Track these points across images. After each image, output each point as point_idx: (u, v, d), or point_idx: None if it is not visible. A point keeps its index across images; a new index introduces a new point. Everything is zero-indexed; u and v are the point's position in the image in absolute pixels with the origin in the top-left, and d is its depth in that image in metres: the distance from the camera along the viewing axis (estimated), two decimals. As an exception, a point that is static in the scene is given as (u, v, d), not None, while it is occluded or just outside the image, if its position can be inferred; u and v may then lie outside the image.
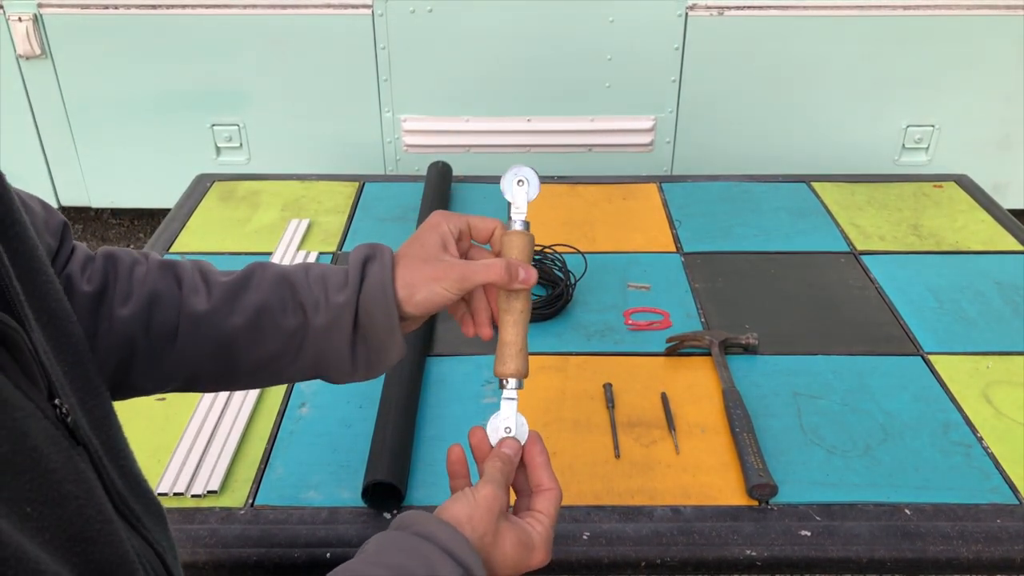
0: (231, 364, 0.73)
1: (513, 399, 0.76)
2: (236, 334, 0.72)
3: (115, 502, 0.57)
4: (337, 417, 1.20)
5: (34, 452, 0.48)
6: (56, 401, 0.54)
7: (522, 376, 0.75)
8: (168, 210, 1.78)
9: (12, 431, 0.47)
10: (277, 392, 1.24)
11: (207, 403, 1.20)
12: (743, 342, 1.31)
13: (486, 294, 0.79)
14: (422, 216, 1.63)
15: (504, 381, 0.76)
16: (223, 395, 1.21)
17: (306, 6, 2.49)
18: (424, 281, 0.73)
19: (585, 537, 1.01)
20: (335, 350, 0.73)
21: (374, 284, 0.73)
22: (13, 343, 0.51)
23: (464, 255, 0.78)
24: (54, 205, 2.86)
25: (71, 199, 2.86)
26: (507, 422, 0.76)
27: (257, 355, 0.73)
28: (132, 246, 3.32)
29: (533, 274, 0.74)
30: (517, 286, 0.74)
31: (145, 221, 3.43)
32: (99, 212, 3.47)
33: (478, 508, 0.69)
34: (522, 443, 0.76)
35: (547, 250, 1.51)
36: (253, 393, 1.22)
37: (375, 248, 0.75)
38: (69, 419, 0.55)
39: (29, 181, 2.81)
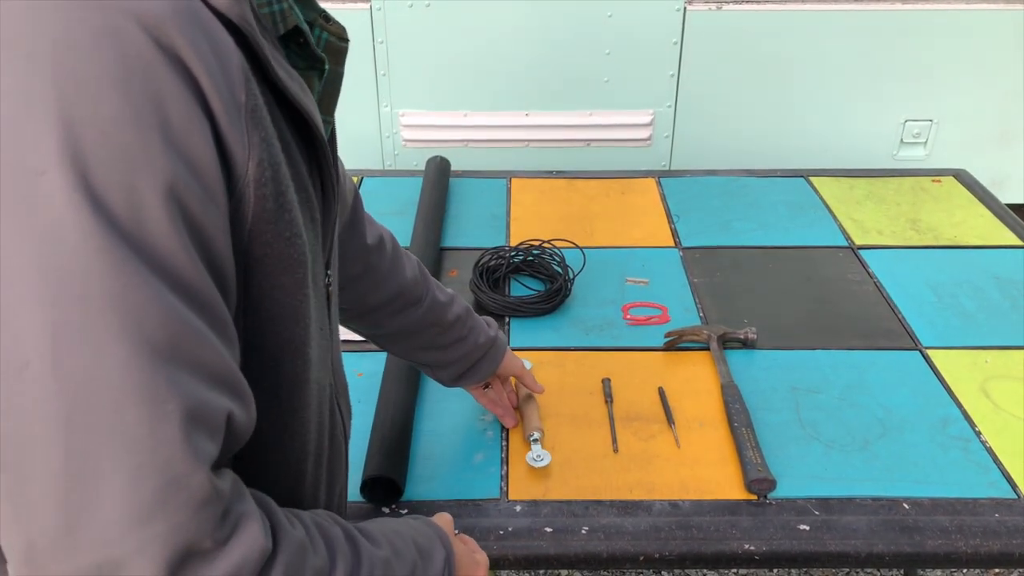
0: (412, 337, 1.05)
1: (537, 440, 1.12)
2: (446, 324, 1.05)
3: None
4: (335, 412, 1.19)
5: (315, 284, 0.62)
6: (328, 271, 0.67)
7: (541, 430, 1.14)
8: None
9: (311, 261, 0.60)
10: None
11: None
12: (742, 337, 1.31)
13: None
14: (421, 210, 1.63)
15: (531, 434, 1.12)
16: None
17: (303, 0, 2.48)
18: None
19: (584, 531, 1.01)
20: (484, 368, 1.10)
21: (501, 346, 1.12)
22: (327, 204, 0.64)
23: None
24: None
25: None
26: (537, 453, 1.11)
27: (431, 340, 1.05)
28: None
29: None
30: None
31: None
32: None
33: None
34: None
35: (546, 245, 1.50)
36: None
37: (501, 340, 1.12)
38: (330, 287, 0.68)
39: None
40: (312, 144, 0.60)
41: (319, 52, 0.61)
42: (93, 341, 0.43)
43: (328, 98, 0.66)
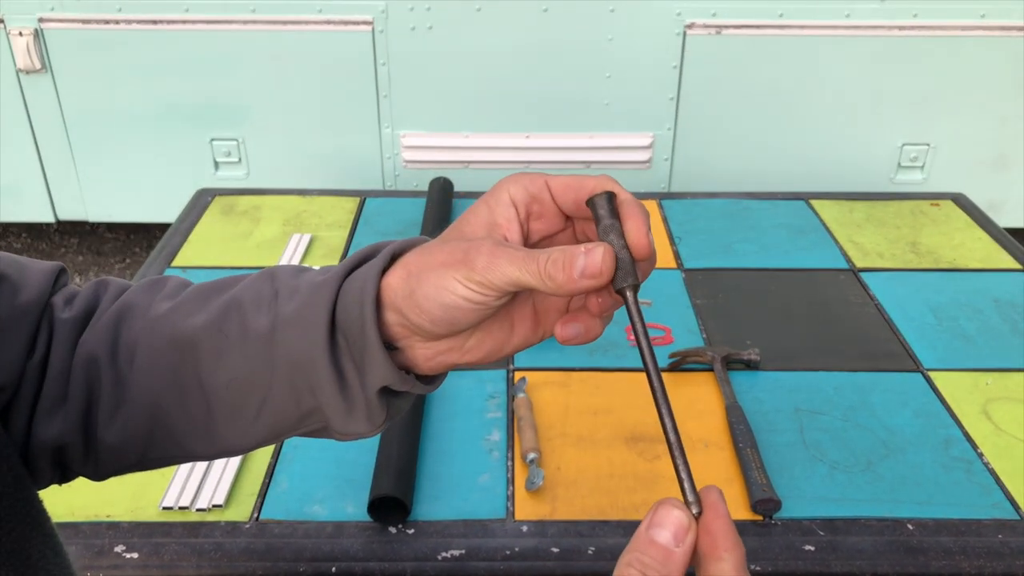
0: (197, 392, 0.55)
1: (534, 461, 1.06)
2: (197, 337, 0.54)
3: None
4: (341, 431, 1.20)
5: None
6: None
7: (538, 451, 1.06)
8: (165, 224, 1.79)
9: None
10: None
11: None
12: (745, 358, 1.32)
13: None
14: (425, 230, 1.64)
15: (526, 455, 1.06)
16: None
17: (307, 22, 2.50)
18: (433, 268, 0.49)
19: (590, 552, 1.02)
20: (308, 354, 0.52)
21: (362, 271, 0.52)
22: None
23: (545, 240, 0.53)
24: (51, 219, 2.85)
25: (68, 213, 2.86)
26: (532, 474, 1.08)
27: (225, 374, 0.54)
28: (127, 260, 3.32)
29: (595, 261, 0.46)
30: (570, 288, 0.46)
31: (141, 235, 3.43)
32: (95, 226, 3.47)
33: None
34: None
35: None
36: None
37: (404, 239, 0.55)
38: None
39: (27, 195, 2.81)
40: None
41: None
42: None
43: None
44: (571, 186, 0.50)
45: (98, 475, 0.59)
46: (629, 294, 0.48)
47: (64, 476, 0.59)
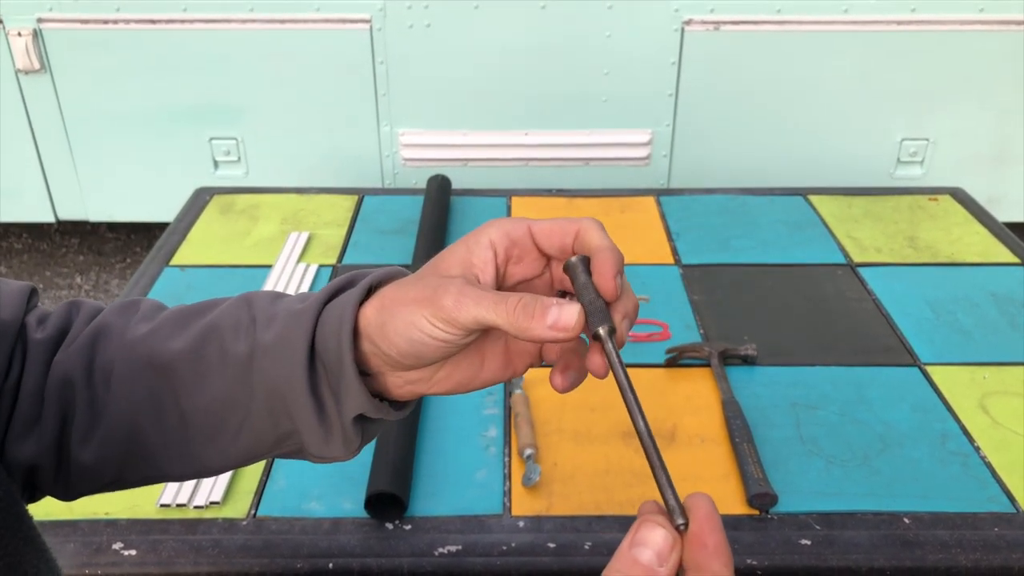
0: (175, 414, 0.56)
1: (531, 457, 1.09)
2: (176, 362, 0.56)
3: None
4: (338, 428, 1.20)
5: None
6: None
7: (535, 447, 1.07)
8: (166, 224, 1.79)
9: None
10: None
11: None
12: (742, 353, 1.32)
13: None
14: (422, 229, 1.64)
15: (523, 451, 1.05)
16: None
17: (305, 20, 2.51)
18: (404, 304, 0.51)
19: (587, 547, 1.02)
20: (288, 381, 0.54)
21: (340, 301, 0.54)
22: None
23: (522, 284, 0.55)
24: (51, 219, 2.86)
25: (69, 213, 2.87)
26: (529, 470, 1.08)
27: (204, 397, 0.56)
28: (128, 259, 3.33)
29: (570, 317, 0.49)
30: (537, 334, 0.49)
31: (142, 235, 3.44)
32: (96, 226, 3.48)
33: None
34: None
35: (546, 262, 1.51)
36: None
37: (381, 269, 0.58)
38: None
39: (27, 195, 2.81)
40: None
41: None
42: None
43: None
44: (555, 231, 0.53)
45: (68, 495, 0.60)
46: (603, 334, 0.50)
47: (31, 497, 0.60)
